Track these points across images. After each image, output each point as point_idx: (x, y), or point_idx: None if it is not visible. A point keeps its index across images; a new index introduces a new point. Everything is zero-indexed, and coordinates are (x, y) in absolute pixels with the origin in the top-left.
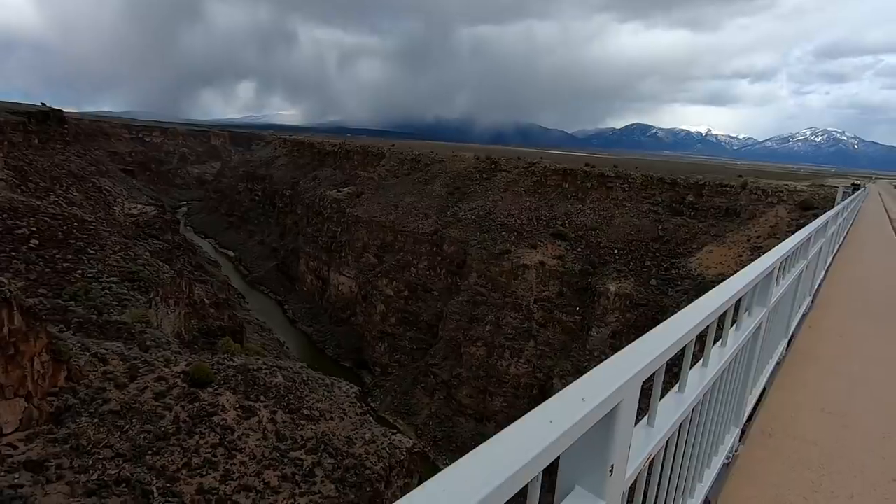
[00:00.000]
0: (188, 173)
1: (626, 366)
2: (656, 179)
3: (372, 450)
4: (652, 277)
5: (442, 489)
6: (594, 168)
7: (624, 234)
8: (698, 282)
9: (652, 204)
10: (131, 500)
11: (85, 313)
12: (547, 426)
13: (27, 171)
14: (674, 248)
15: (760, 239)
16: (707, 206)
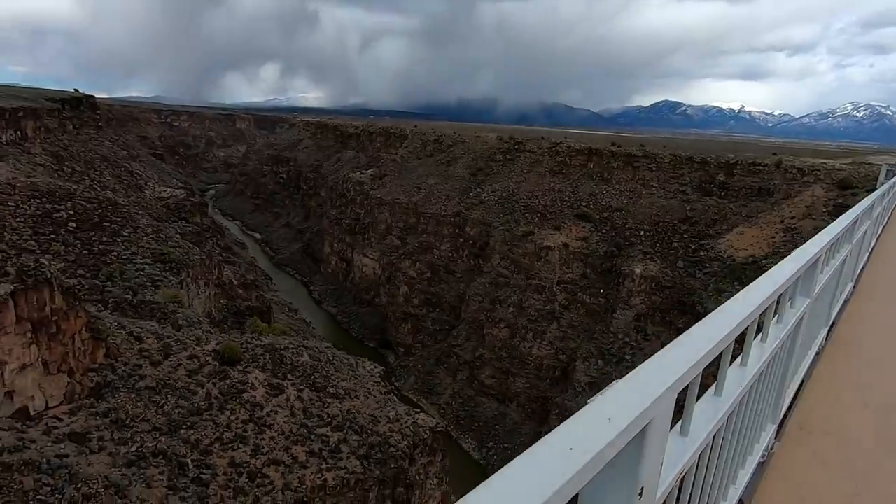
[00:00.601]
0: (215, 157)
1: (660, 376)
2: (685, 159)
3: (396, 428)
4: (679, 259)
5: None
6: (620, 148)
7: (650, 214)
8: (728, 264)
9: (680, 184)
10: (168, 471)
11: (120, 293)
12: (567, 455)
13: (63, 156)
14: (702, 229)
15: (795, 220)
16: (738, 185)
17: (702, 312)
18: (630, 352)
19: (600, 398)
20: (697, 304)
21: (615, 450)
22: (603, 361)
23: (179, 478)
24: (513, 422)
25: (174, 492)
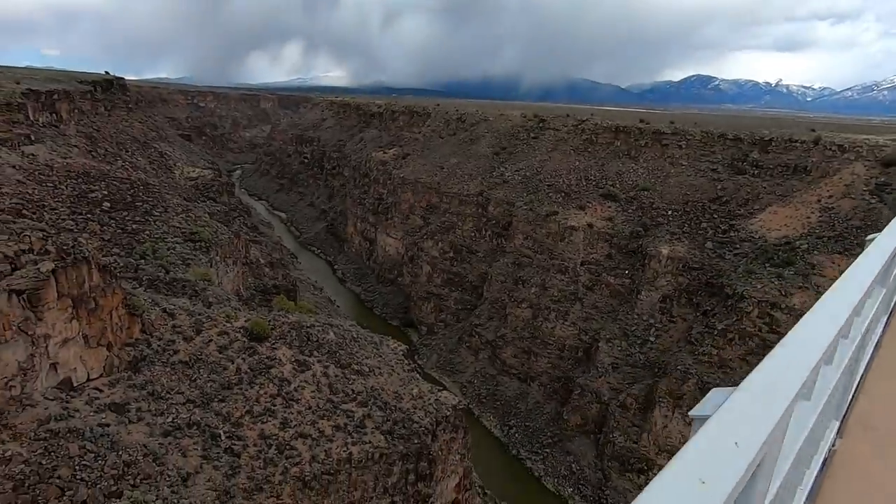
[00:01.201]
0: (241, 137)
1: (763, 410)
2: (717, 136)
3: (419, 405)
4: (708, 240)
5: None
6: (648, 125)
7: (679, 194)
8: (759, 245)
9: (711, 162)
10: (202, 442)
11: (153, 271)
12: (697, 489)
13: (96, 137)
14: (733, 208)
15: (832, 199)
16: (773, 163)
17: (730, 294)
18: (654, 333)
19: (686, 453)
20: (726, 285)
21: (745, 479)
22: (626, 343)
23: (212, 448)
24: (534, 401)
25: (208, 461)
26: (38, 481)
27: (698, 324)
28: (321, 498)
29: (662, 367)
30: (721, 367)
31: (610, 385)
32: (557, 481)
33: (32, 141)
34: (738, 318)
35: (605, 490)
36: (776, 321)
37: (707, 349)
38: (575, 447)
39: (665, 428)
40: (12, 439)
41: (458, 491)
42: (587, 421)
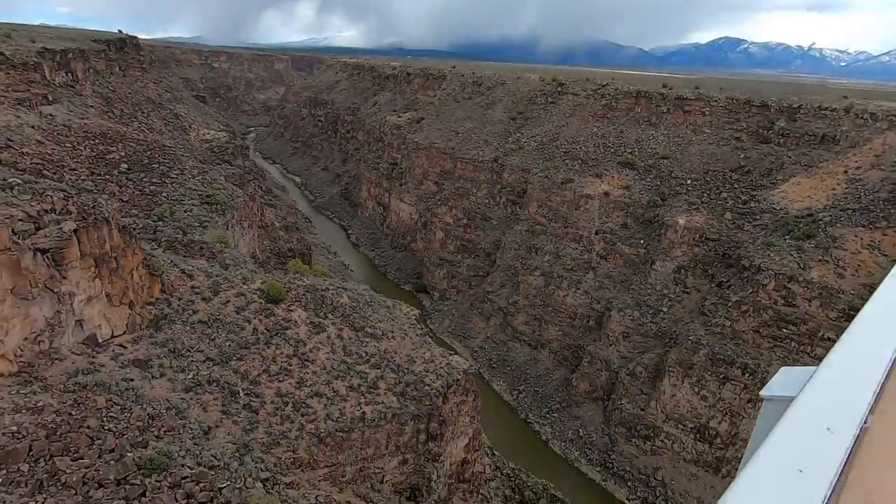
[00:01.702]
0: (254, 99)
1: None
2: (742, 102)
3: (431, 368)
4: (727, 211)
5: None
6: (671, 90)
7: (700, 163)
8: (780, 216)
9: (735, 130)
10: (221, 398)
11: (172, 233)
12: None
13: (112, 98)
14: (756, 178)
15: (860, 171)
16: (800, 132)
17: (747, 266)
18: (667, 304)
19: (777, 436)
20: (743, 257)
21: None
22: (639, 312)
23: (232, 404)
24: (544, 367)
25: (227, 416)
26: (68, 430)
27: (712, 295)
28: (335, 453)
29: (674, 337)
30: (733, 339)
31: (620, 353)
32: (564, 445)
33: (49, 101)
34: (754, 290)
35: (611, 455)
36: (792, 294)
37: (720, 320)
38: (582, 413)
39: (673, 397)
40: (43, 391)
41: (467, 451)
42: (595, 388)
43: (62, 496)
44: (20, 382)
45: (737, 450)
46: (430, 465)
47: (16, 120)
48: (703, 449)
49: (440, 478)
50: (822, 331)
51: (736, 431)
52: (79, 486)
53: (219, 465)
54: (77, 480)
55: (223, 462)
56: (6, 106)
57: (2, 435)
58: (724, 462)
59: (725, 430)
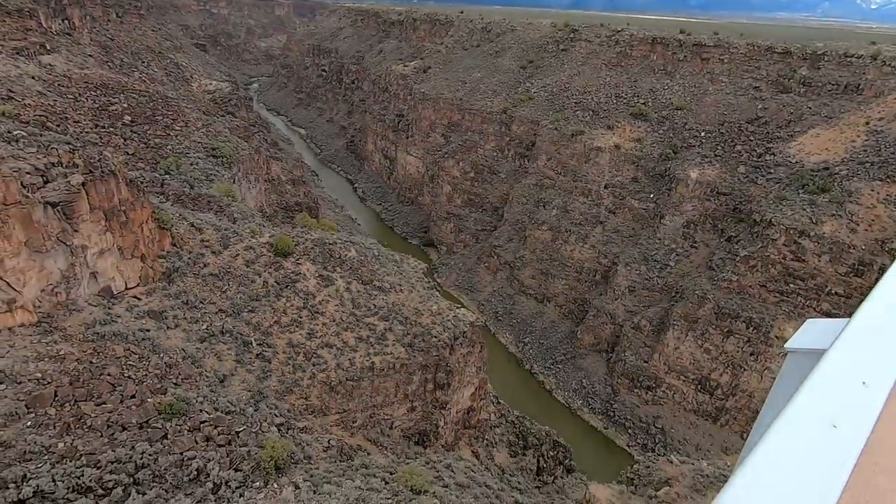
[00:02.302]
0: (256, 47)
1: (887, 345)
2: (764, 49)
3: (438, 320)
4: (741, 164)
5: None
6: (689, 36)
7: (715, 114)
8: (795, 170)
9: (754, 79)
10: (235, 348)
11: (179, 186)
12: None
13: (110, 46)
14: (772, 130)
15: (883, 122)
16: (822, 80)
17: (758, 220)
18: (675, 259)
19: (835, 354)
20: (755, 212)
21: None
22: (646, 267)
23: (245, 354)
24: (549, 320)
25: (241, 365)
26: (90, 377)
27: (721, 250)
28: (346, 401)
29: (680, 291)
30: (739, 294)
31: (625, 307)
32: (568, 394)
33: (48, 50)
34: (764, 245)
35: (613, 404)
36: (802, 249)
37: (727, 275)
38: (586, 364)
39: (677, 349)
40: (63, 340)
41: (473, 399)
42: (600, 340)
43: (89, 438)
44: (41, 332)
45: (736, 400)
46: (437, 412)
47: (15, 70)
48: (704, 399)
49: (447, 424)
50: (830, 286)
51: (737, 383)
52: (104, 429)
53: (235, 411)
54: (102, 423)
55: (239, 408)
56: (4, 55)
57: (28, 381)
58: (724, 412)
59: (726, 382)
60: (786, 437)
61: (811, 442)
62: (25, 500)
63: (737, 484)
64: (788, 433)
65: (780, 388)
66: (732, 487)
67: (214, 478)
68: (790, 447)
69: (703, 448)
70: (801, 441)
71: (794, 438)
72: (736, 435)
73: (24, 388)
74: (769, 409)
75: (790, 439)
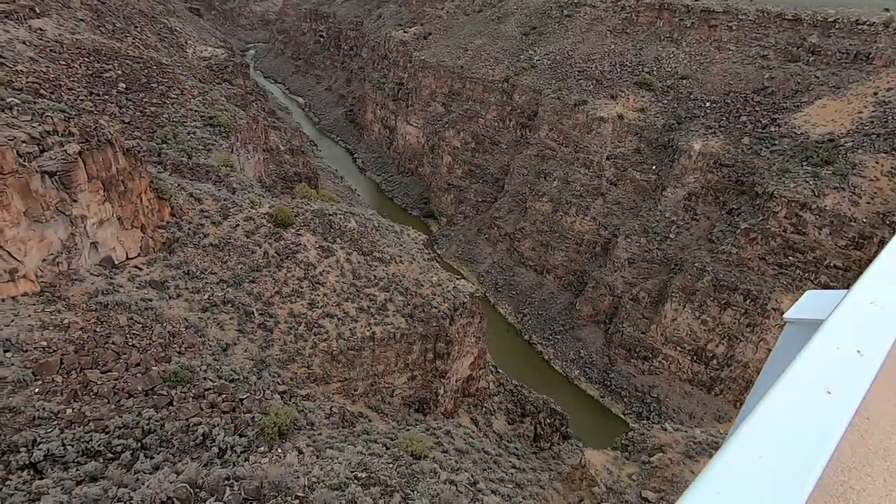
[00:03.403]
0: (251, 12)
1: (884, 315)
2: (774, 15)
3: (438, 292)
4: (745, 135)
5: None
6: (697, 2)
7: (721, 83)
8: (800, 141)
9: (762, 47)
10: (237, 318)
11: (176, 156)
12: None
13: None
14: (779, 101)
15: (892, 93)
16: (832, 49)
17: (760, 193)
18: (675, 231)
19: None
20: (757, 184)
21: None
22: (646, 239)
23: (247, 323)
24: (549, 291)
25: (244, 334)
26: (95, 346)
27: (721, 222)
28: (347, 370)
29: (679, 263)
30: (738, 266)
31: (624, 279)
32: (565, 364)
33: (38, 14)
34: (764, 217)
35: (610, 374)
36: (803, 222)
37: (727, 248)
38: (584, 335)
39: (674, 321)
40: (67, 309)
41: (472, 368)
42: (598, 312)
43: (96, 404)
44: (44, 301)
45: (731, 370)
46: (437, 381)
47: (5, 35)
48: (699, 370)
49: (447, 392)
50: (829, 259)
51: (732, 354)
52: (110, 396)
53: (238, 379)
54: (108, 391)
55: (242, 376)
56: None
57: (34, 349)
58: (718, 381)
59: (722, 353)
60: (781, 401)
61: (805, 406)
62: (37, 462)
63: (733, 445)
64: (784, 398)
65: (777, 357)
66: (728, 448)
67: (220, 443)
68: (785, 411)
69: (696, 416)
70: (796, 405)
71: (789, 403)
72: (730, 404)
73: (30, 356)
74: (766, 377)
75: (785, 403)
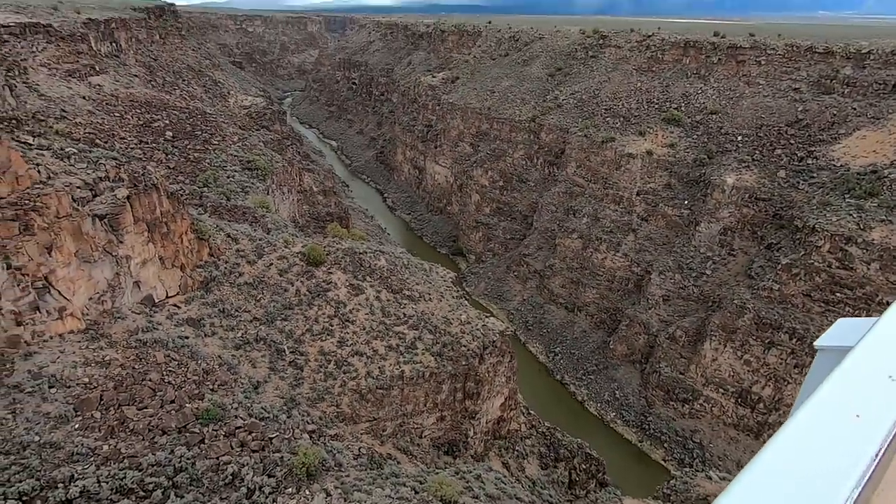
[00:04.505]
0: (289, 63)
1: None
2: (803, 49)
3: (467, 330)
4: (781, 168)
5: None
6: (724, 38)
7: (752, 117)
8: (840, 174)
9: (793, 80)
10: (269, 355)
11: (216, 198)
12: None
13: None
14: (815, 133)
15: None
16: (868, 80)
17: (800, 227)
18: (711, 266)
19: (863, 349)
20: (797, 218)
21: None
22: (680, 275)
23: (278, 361)
24: (581, 330)
25: (275, 372)
26: (133, 382)
27: (760, 257)
28: (376, 409)
29: (717, 300)
30: (781, 303)
31: (659, 317)
32: (600, 406)
33: (97, 71)
34: (807, 252)
35: (648, 417)
36: (849, 256)
37: (768, 284)
38: (619, 375)
39: (714, 361)
40: (109, 346)
41: (503, 409)
42: (633, 351)
43: (131, 441)
44: (88, 339)
45: (780, 415)
46: (466, 422)
47: (68, 91)
48: (745, 413)
49: (477, 434)
50: (881, 295)
51: (780, 397)
52: (145, 433)
53: (269, 417)
54: (143, 427)
55: (272, 414)
56: (58, 77)
57: (76, 385)
58: (767, 427)
59: (769, 396)
60: (809, 424)
61: (833, 429)
62: (72, 499)
63: (756, 466)
64: (811, 421)
65: (809, 385)
66: (752, 469)
67: (249, 483)
68: (813, 434)
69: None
70: (824, 428)
71: (817, 426)
72: None
73: (72, 392)
74: (798, 407)
75: (813, 426)
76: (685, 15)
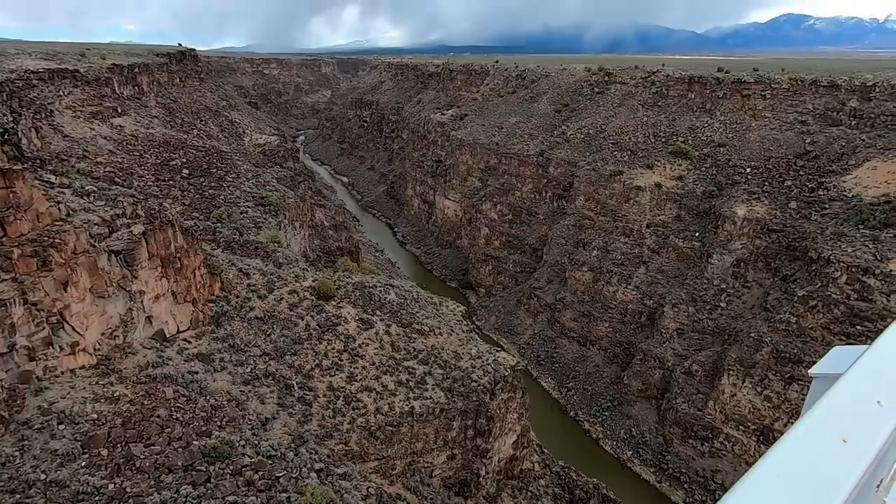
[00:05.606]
0: (303, 103)
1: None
2: (808, 83)
3: (478, 364)
4: (792, 199)
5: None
6: (728, 73)
7: (760, 150)
8: (853, 204)
9: (800, 113)
10: (277, 391)
11: (229, 234)
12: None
13: (174, 108)
14: (824, 164)
15: None
16: (875, 112)
17: (815, 258)
18: (725, 299)
19: (853, 376)
20: (811, 249)
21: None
22: (694, 308)
23: (287, 397)
24: (593, 364)
25: (283, 408)
26: (141, 419)
27: (776, 290)
28: (385, 447)
29: (733, 334)
30: (800, 336)
31: (674, 351)
32: (616, 444)
33: (119, 113)
34: (823, 283)
35: (666, 455)
36: (868, 288)
37: (785, 316)
38: (635, 412)
39: (733, 396)
40: (118, 382)
41: (515, 448)
42: (649, 386)
43: (137, 479)
44: (99, 374)
45: None
46: (478, 460)
47: (90, 132)
48: None
49: (489, 474)
50: None
51: None
52: (151, 471)
53: (276, 455)
54: (150, 465)
55: (280, 452)
56: (82, 119)
57: (84, 422)
58: None
59: None
60: (794, 449)
61: (818, 454)
62: None
63: (738, 491)
64: (797, 445)
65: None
66: (734, 495)
67: None
68: (800, 458)
69: None
70: (809, 453)
71: (802, 450)
72: None
73: (80, 429)
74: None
75: (798, 450)
76: (689, 52)
